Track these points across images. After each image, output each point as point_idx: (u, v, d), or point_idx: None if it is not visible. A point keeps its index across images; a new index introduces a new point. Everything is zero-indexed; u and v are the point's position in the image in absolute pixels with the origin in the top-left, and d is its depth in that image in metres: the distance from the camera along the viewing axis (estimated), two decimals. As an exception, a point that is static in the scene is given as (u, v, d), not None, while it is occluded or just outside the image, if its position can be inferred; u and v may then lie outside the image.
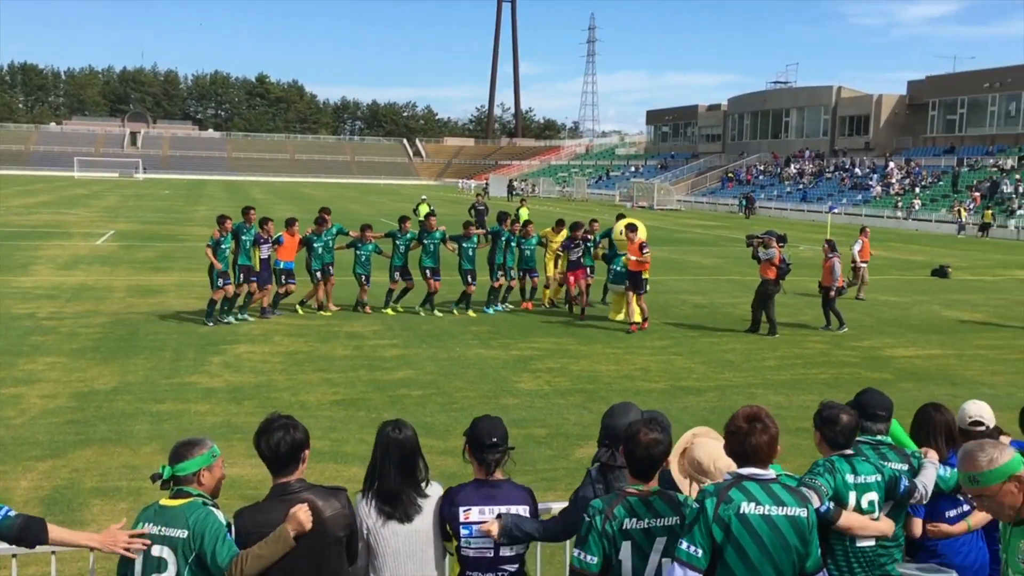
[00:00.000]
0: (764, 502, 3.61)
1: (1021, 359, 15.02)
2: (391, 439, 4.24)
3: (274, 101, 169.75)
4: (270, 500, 3.99)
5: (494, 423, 4.40)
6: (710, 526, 3.57)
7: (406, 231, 18.00)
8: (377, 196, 76.77)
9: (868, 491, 4.39)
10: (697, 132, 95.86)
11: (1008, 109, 64.01)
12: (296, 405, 10.86)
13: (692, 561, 3.55)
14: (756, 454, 3.66)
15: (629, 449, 3.89)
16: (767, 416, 3.72)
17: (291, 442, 3.98)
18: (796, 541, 3.62)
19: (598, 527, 3.78)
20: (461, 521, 4.22)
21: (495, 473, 4.32)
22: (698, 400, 11.69)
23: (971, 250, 38.45)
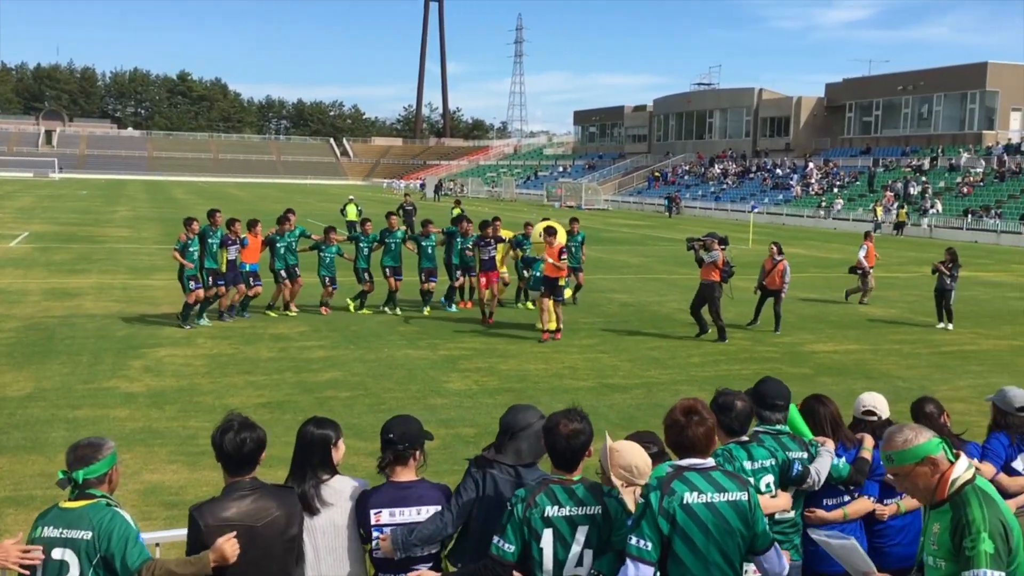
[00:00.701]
0: (706, 490, 3.72)
1: (933, 353, 15.57)
2: (299, 433, 4.32)
3: (196, 99, 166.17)
4: (226, 497, 3.96)
5: (406, 420, 4.39)
6: (656, 519, 3.65)
7: (368, 232, 18.33)
8: (304, 196, 75.75)
9: (765, 475, 4.55)
10: (624, 132, 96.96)
11: (921, 111, 66.25)
12: (220, 408, 10.64)
13: (643, 555, 3.62)
14: (695, 445, 3.80)
15: (550, 441, 3.95)
16: (704, 408, 3.87)
17: (256, 440, 3.99)
18: (739, 524, 3.74)
19: (519, 515, 3.82)
20: (372, 523, 4.22)
21: (402, 472, 4.30)
22: (625, 397, 11.83)
23: (886, 248, 39.68)
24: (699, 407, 3.87)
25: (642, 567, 3.63)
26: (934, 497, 3.56)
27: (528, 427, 4.35)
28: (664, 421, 3.93)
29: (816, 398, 5.27)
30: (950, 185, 55.62)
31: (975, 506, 3.48)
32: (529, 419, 4.38)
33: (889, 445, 3.61)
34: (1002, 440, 5.18)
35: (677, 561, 3.69)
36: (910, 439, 3.58)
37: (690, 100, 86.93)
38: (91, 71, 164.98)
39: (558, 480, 3.93)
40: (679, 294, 22.26)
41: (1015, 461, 5.12)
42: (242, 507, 3.90)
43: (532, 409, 4.49)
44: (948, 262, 18.04)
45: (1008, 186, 52.61)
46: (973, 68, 62.03)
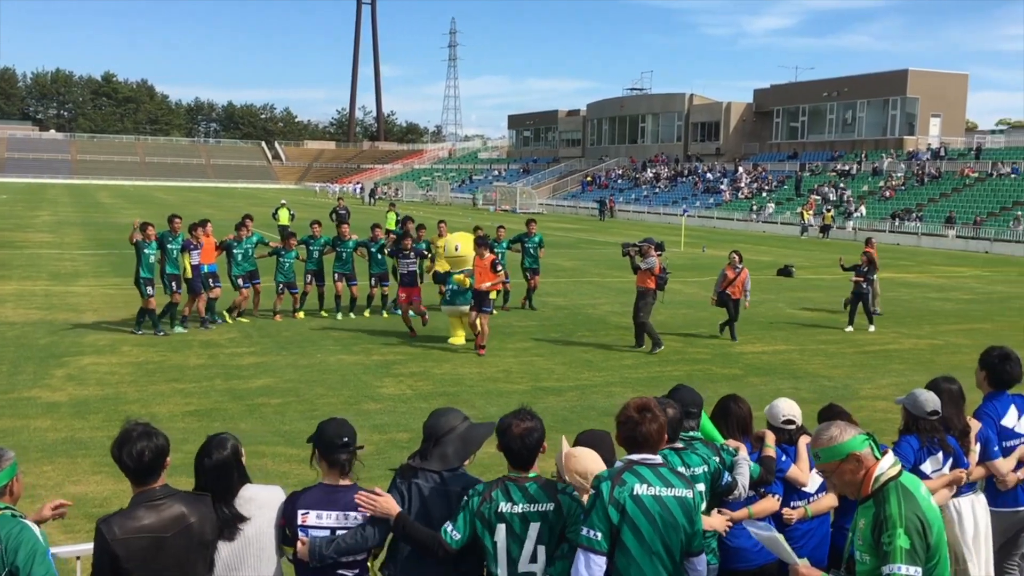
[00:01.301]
0: (655, 484, 3.85)
1: (857, 353, 15.99)
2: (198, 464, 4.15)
3: (122, 101, 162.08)
4: (136, 507, 3.84)
5: (341, 424, 4.33)
6: (607, 508, 3.76)
7: (318, 235, 18.29)
8: (234, 200, 74.51)
9: (698, 482, 4.57)
10: (558, 137, 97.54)
11: (845, 117, 68.07)
12: (147, 417, 10.34)
13: (592, 545, 3.74)
14: (647, 441, 3.91)
15: (505, 442, 4.07)
16: (656, 406, 4.00)
17: (155, 449, 3.86)
18: (684, 520, 3.87)
19: (473, 507, 3.97)
20: (299, 524, 4.16)
21: (347, 476, 4.26)
22: (558, 400, 11.89)
23: (813, 250, 40.66)
24: (652, 405, 3.98)
25: (593, 557, 3.74)
26: (860, 493, 3.66)
27: (452, 431, 4.34)
28: (617, 417, 4.01)
29: (732, 398, 5.34)
30: (873, 189, 57.23)
31: (893, 502, 3.57)
32: (452, 422, 4.36)
33: (816, 442, 3.72)
34: (912, 443, 5.20)
35: (624, 550, 3.79)
36: (835, 436, 3.68)
37: (623, 105, 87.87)
38: (11, 72, 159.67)
39: (514, 478, 4.05)
40: (612, 297, 22.49)
41: (924, 464, 5.15)
42: (152, 516, 3.79)
43: (455, 412, 4.48)
44: (864, 264, 18.22)
45: (928, 190, 54.37)
46: (894, 75, 63.97)
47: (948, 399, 5.42)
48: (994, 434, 5.62)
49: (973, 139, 61.86)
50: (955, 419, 5.41)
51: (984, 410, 5.76)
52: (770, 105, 73.83)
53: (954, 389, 5.49)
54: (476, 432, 4.41)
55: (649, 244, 15.78)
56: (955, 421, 5.40)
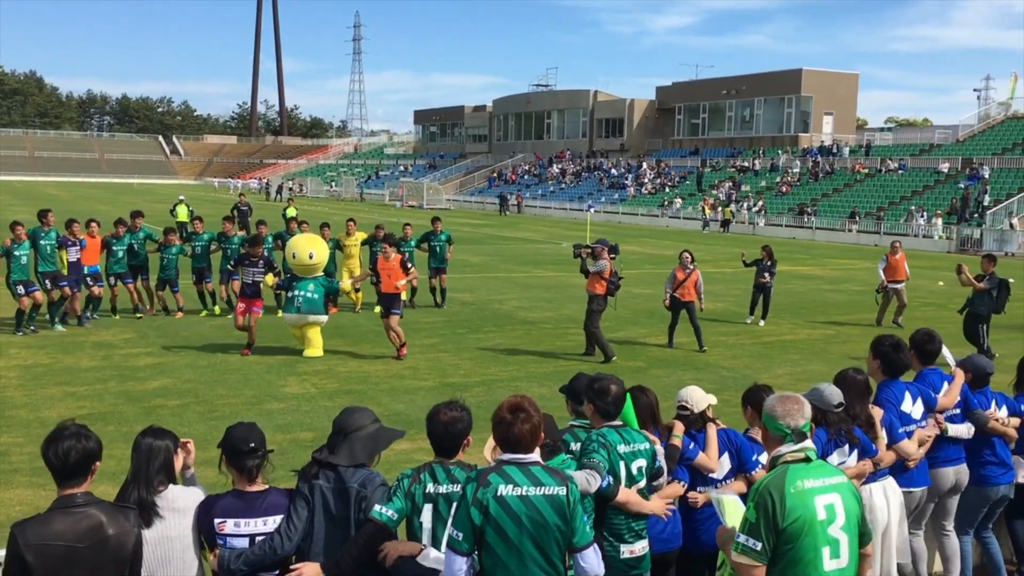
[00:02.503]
0: (522, 483, 3.82)
1: (755, 344, 16.45)
2: (136, 444, 4.15)
3: (9, 93, 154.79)
4: (53, 512, 3.68)
5: (249, 428, 4.29)
6: (469, 509, 3.78)
7: (199, 231, 18.10)
8: (131, 196, 72.08)
9: (637, 458, 4.70)
10: (464, 132, 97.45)
11: (743, 115, 69.91)
12: (35, 422, 10.00)
13: (453, 544, 3.79)
14: (520, 441, 3.88)
15: (430, 428, 4.21)
16: (530, 405, 3.93)
17: (82, 451, 3.72)
18: (556, 519, 3.81)
19: (404, 487, 4.15)
20: (217, 532, 4.11)
21: (257, 480, 4.22)
22: (465, 395, 11.81)
23: (714, 244, 41.67)
24: (526, 404, 3.94)
25: (454, 556, 3.77)
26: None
27: (361, 428, 4.37)
28: (492, 418, 3.99)
29: (639, 388, 5.44)
30: (771, 184, 58.98)
31: (763, 478, 3.85)
32: (362, 421, 4.40)
33: (765, 408, 4.03)
34: (820, 436, 5.32)
35: (489, 551, 3.79)
36: (770, 407, 3.98)
37: (529, 101, 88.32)
38: None
39: (439, 461, 4.24)
40: (520, 292, 22.61)
41: (830, 457, 5.33)
42: (68, 524, 3.63)
43: (367, 411, 4.51)
44: (766, 259, 18.38)
45: (822, 185, 56.32)
46: (789, 75, 66.00)
47: (855, 390, 5.53)
48: (896, 419, 5.83)
49: (863, 136, 64.33)
50: (860, 410, 5.56)
51: (882, 396, 5.97)
52: (672, 102, 75.28)
53: (860, 380, 5.63)
54: (385, 433, 4.47)
55: (602, 246, 14.82)
56: (860, 411, 5.55)
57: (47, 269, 15.44)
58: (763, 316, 18.60)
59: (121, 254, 17.15)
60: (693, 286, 15.60)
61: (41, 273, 15.39)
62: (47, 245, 15.49)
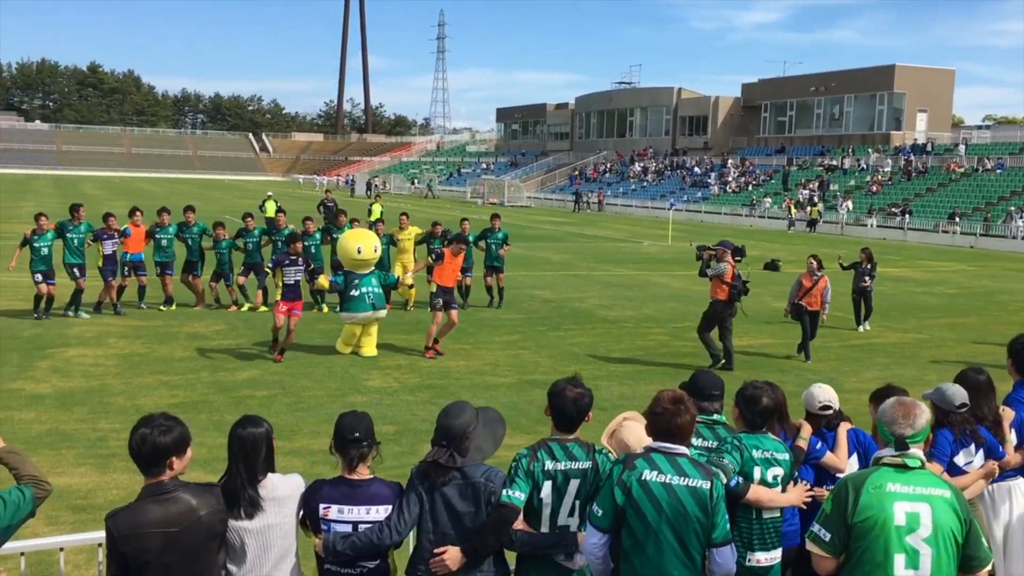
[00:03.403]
0: (667, 472, 3.97)
1: (842, 346, 16.06)
2: (233, 434, 4.21)
3: (108, 92, 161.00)
4: (143, 500, 3.83)
5: (358, 418, 4.40)
6: (613, 489, 3.97)
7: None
8: (222, 192, 74.17)
9: (773, 466, 4.65)
10: (546, 130, 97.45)
11: (832, 112, 68.24)
12: (132, 410, 10.38)
13: (594, 520, 4.02)
14: (680, 432, 4.05)
15: (558, 404, 4.32)
16: (689, 400, 4.15)
17: (166, 441, 3.85)
18: (696, 511, 3.93)
19: (524, 467, 4.22)
20: (321, 517, 4.23)
21: (359, 469, 4.31)
22: (544, 393, 11.86)
23: (799, 244, 40.79)
24: (685, 398, 4.12)
25: (593, 531, 4.01)
26: None
27: (473, 424, 4.40)
28: (650, 408, 4.12)
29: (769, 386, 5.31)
30: (860, 184, 57.46)
31: (851, 474, 3.92)
32: (472, 415, 4.43)
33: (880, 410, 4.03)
34: (947, 436, 5.24)
35: (629, 531, 3.97)
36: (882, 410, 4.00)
37: (611, 98, 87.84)
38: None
39: (557, 439, 4.32)
40: (600, 290, 22.52)
41: (957, 456, 5.21)
42: (159, 511, 3.76)
43: (467, 404, 4.54)
44: (865, 262, 17.71)
45: (915, 185, 54.61)
46: (882, 71, 64.16)
47: (977, 390, 5.44)
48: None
49: (959, 134, 62.16)
50: (986, 409, 5.44)
51: (1013, 396, 5.83)
52: (758, 99, 73.96)
53: (982, 380, 5.52)
54: (493, 420, 4.52)
55: (724, 248, 13.91)
56: (986, 411, 5.43)
57: (73, 261, 15.98)
58: (865, 318, 17.88)
59: (165, 243, 17.44)
60: (820, 294, 14.74)
61: (68, 264, 15.95)
62: (74, 238, 16.01)
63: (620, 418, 4.78)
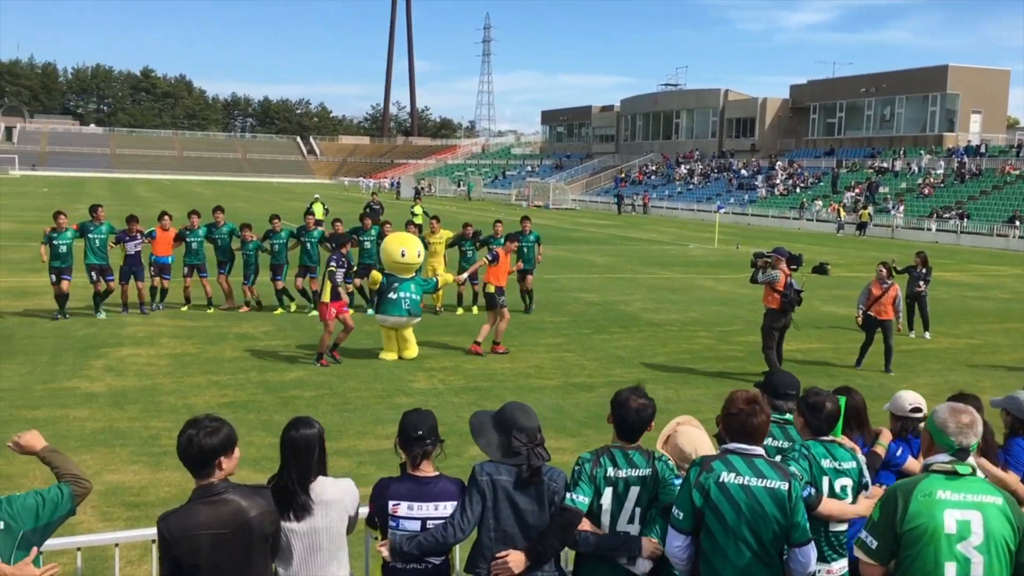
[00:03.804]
0: (744, 473, 3.99)
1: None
2: (285, 436, 4.23)
3: (160, 96, 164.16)
4: (193, 503, 3.87)
5: (421, 416, 4.43)
6: (691, 491, 4.00)
7: (278, 229, 17.99)
8: (270, 195, 75.16)
9: (842, 476, 4.57)
10: (591, 132, 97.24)
11: (883, 113, 67.15)
12: (183, 409, 10.56)
13: (674, 522, 4.06)
14: (755, 432, 4.07)
15: (620, 414, 4.35)
16: (763, 400, 4.17)
17: (214, 442, 3.89)
18: (775, 511, 3.94)
19: (587, 472, 4.26)
20: (389, 514, 4.27)
21: (423, 467, 4.35)
22: (589, 396, 11.87)
23: (848, 248, 40.22)
24: (760, 398, 4.14)
25: (676, 534, 4.05)
26: None
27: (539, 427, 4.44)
28: (725, 409, 4.15)
29: (847, 389, 5.28)
30: (912, 186, 56.45)
31: (899, 481, 3.85)
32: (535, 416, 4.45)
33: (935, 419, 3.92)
34: (1021, 445, 5.15)
35: (708, 533, 3.99)
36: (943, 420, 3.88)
37: (657, 101, 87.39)
38: (52, 67, 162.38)
39: (619, 446, 4.36)
40: (645, 293, 22.41)
41: None
42: (209, 513, 3.79)
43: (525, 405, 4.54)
44: (920, 266, 17.20)
45: (968, 187, 53.51)
46: (934, 71, 63.00)
47: None
48: None
49: (1015, 136, 60.76)
50: None
51: None
52: (806, 101, 73.05)
53: None
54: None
55: (778, 256, 13.15)
56: None
57: (94, 262, 16.17)
58: (925, 328, 17.27)
59: (195, 245, 17.55)
60: (891, 303, 14.09)
61: (88, 265, 16.14)
62: (95, 239, 16.18)
63: (674, 423, 4.77)
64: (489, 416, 4.51)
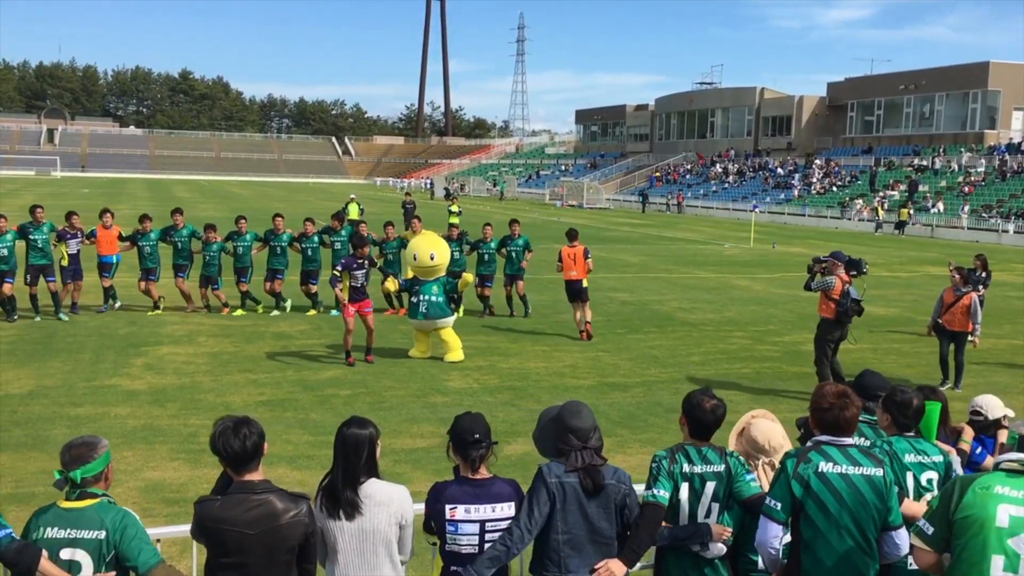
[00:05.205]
0: (841, 462, 4.10)
1: (933, 352, 15.52)
2: (338, 433, 4.26)
3: (198, 98, 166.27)
4: (233, 497, 3.91)
5: (475, 419, 4.44)
6: (790, 482, 4.09)
7: (243, 231, 17.60)
8: (306, 195, 75.77)
9: (927, 470, 4.66)
10: (625, 132, 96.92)
11: (923, 111, 66.18)
12: (221, 407, 10.69)
13: (772, 514, 4.11)
14: (847, 425, 4.16)
15: (696, 415, 4.45)
16: (852, 394, 4.24)
17: (257, 433, 3.95)
18: (874, 498, 4.07)
19: (665, 468, 4.38)
20: (447, 518, 4.26)
21: (480, 470, 4.35)
22: (624, 396, 11.85)
23: (887, 247, 39.71)
24: (849, 392, 4.23)
25: (771, 524, 4.09)
26: None
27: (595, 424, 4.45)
28: (814, 403, 4.25)
29: (930, 389, 5.30)
30: (951, 184, 55.59)
31: (965, 474, 3.96)
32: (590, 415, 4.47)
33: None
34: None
35: (809, 523, 4.08)
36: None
37: (692, 99, 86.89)
38: (93, 69, 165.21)
39: (692, 443, 4.48)
40: (679, 293, 22.29)
41: None
42: (242, 511, 3.84)
43: (581, 404, 4.54)
44: (979, 270, 16.12)
45: (1010, 185, 52.55)
46: (975, 68, 61.97)
47: None
48: None
49: (1059, 133, 59.63)
50: None
51: None
52: (844, 99, 72.20)
53: None
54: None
55: (836, 260, 12.19)
56: None
57: (37, 262, 15.87)
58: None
59: (148, 250, 17.00)
60: (963, 313, 12.80)
61: (30, 265, 15.80)
62: (38, 239, 15.93)
63: (748, 416, 4.87)
64: (550, 414, 4.51)
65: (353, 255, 13.66)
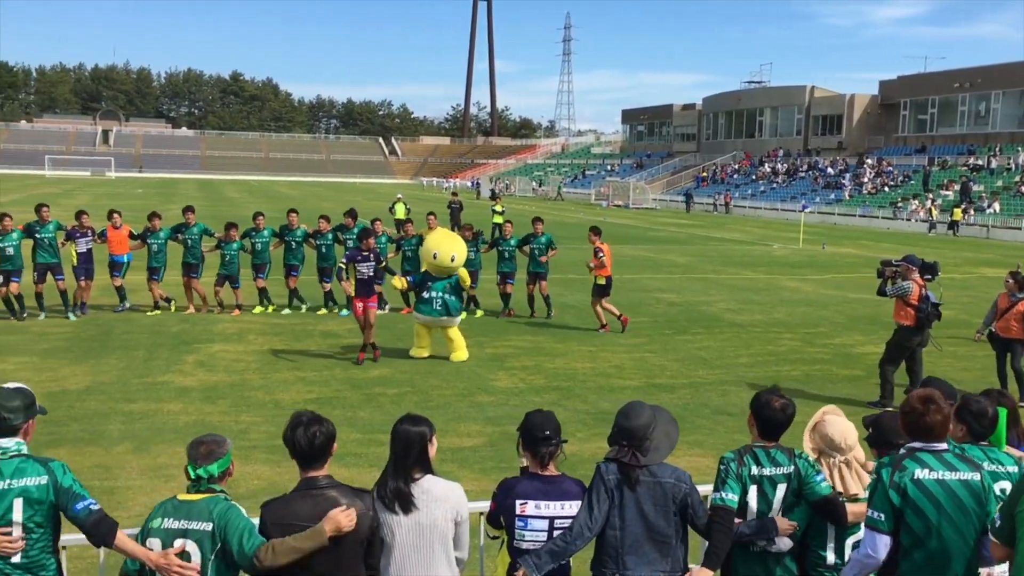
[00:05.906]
0: (937, 468, 4.07)
1: (988, 356, 15.18)
2: (393, 428, 4.33)
3: (248, 99, 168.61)
4: (296, 493, 4.02)
5: (546, 417, 4.50)
6: (887, 492, 4.06)
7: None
8: (353, 195, 76.42)
9: (1001, 480, 4.58)
10: (672, 131, 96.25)
11: (978, 109, 64.76)
12: (271, 404, 10.84)
13: (876, 524, 4.08)
14: (932, 431, 4.12)
15: (765, 414, 4.47)
16: (940, 398, 4.20)
17: (326, 433, 4.05)
18: (972, 503, 4.04)
19: (734, 471, 4.38)
20: (517, 514, 4.31)
21: (549, 467, 4.40)
22: (671, 397, 11.77)
23: (941, 248, 38.92)
24: (936, 397, 4.18)
25: (878, 536, 4.07)
26: None
27: (652, 426, 4.45)
28: (902, 408, 4.24)
29: (1000, 393, 5.24)
30: (1008, 184, 54.34)
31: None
32: (648, 419, 4.48)
33: None
34: None
35: (909, 531, 4.06)
36: None
37: (740, 98, 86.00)
38: (146, 72, 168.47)
39: (760, 445, 4.48)
40: (727, 294, 22.08)
41: None
42: (307, 506, 3.93)
43: (643, 405, 4.57)
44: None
45: (1069, 185, 51.24)
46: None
47: None
48: None
49: (1121, 131, 57.93)
50: None
51: None
52: (896, 97, 70.91)
53: None
54: (671, 427, 4.55)
55: (909, 265, 11.75)
56: None
57: (44, 260, 15.95)
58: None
59: (156, 248, 16.92)
60: (1017, 320, 12.06)
61: (37, 264, 15.88)
62: (44, 238, 15.97)
63: (820, 413, 4.83)
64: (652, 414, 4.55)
65: (358, 247, 13.74)
